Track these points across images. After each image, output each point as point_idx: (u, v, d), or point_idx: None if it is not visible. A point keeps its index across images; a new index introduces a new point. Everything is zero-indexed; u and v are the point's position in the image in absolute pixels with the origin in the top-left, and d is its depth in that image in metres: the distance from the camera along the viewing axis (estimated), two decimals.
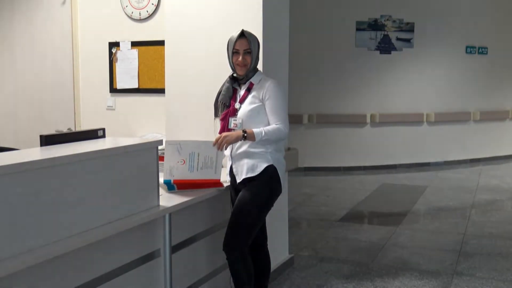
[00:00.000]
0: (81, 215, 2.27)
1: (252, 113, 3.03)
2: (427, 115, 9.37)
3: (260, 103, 3.04)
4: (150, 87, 4.49)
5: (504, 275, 4.15)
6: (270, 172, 3.02)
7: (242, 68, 3.06)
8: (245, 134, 2.94)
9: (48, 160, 2.15)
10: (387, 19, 9.08)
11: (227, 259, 3.04)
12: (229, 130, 3.05)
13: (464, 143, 9.70)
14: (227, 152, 3.12)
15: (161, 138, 2.91)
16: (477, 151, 9.82)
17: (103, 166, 2.41)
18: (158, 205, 2.76)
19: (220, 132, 3.08)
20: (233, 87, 3.15)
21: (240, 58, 3.04)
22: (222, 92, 3.14)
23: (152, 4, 4.42)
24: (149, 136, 4.30)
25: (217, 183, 3.17)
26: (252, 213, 3.02)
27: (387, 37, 9.09)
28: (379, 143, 9.15)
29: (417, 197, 7.01)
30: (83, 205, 2.28)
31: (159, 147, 2.77)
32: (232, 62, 3.09)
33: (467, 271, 4.24)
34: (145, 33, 4.47)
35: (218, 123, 3.17)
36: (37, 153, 2.34)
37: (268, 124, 3.03)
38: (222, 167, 3.22)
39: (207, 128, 3.37)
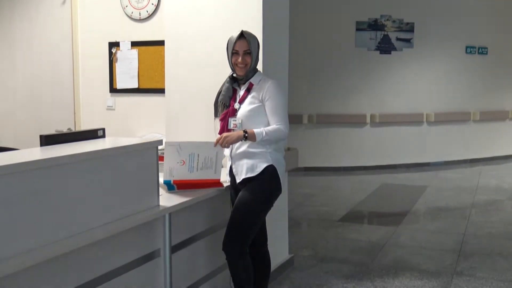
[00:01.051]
0: (81, 215, 2.27)
1: (251, 113, 3.03)
2: (427, 115, 9.37)
3: (260, 104, 3.04)
4: (150, 87, 4.49)
5: (504, 275, 4.15)
6: (269, 172, 3.02)
7: (242, 69, 3.06)
8: (246, 134, 2.94)
9: (48, 160, 2.15)
10: (387, 19, 9.08)
11: (226, 259, 3.04)
12: (229, 130, 3.05)
13: (464, 143, 9.70)
14: (226, 152, 3.12)
15: (161, 138, 2.90)
16: (477, 151, 9.82)
17: (103, 166, 2.40)
18: (158, 205, 2.76)
19: (220, 133, 3.08)
20: (233, 87, 3.15)
21: (240, 59, 3.03)
22: (222, 92, 3.14)
23: (152, 4, 4.43)
24: (149, 136, 4.30)
25: (217, 183, 3.17)
26: (251, 213, 3.01)
27: (387, 37, 9.09)
28: (379, 143, 9.15)
29: (417, 197, 7.00)
30: (83, 205, 2.28)
31: (159, 147, 2.77)
32: (232, 63, 3.09)
33: (467, 271, 4.24)
34: (145, 33, 4.48)
35: (218, 123, 3.17)
36: (37, 153, 2.33)
37: (268, 124, 3.03)
38: (222, 167, 3.22)
39: (207, 128, 3.37)
